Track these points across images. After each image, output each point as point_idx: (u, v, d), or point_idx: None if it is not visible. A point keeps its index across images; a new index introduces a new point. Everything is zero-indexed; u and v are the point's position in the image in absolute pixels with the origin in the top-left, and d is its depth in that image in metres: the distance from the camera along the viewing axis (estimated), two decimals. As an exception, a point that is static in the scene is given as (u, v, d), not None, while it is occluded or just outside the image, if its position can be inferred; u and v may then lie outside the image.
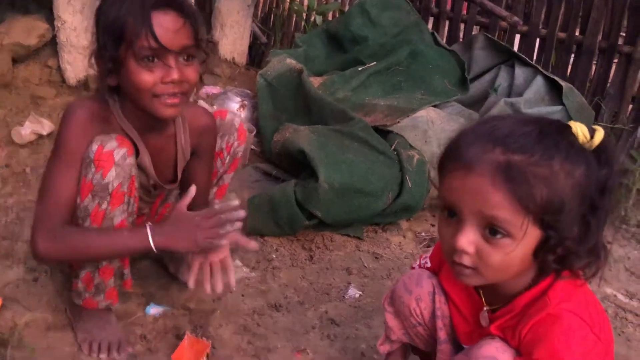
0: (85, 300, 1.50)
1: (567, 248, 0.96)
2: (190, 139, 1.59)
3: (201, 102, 2.94)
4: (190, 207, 1.41)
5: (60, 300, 1.65)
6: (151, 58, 1.29)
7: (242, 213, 1.39)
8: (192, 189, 1.43)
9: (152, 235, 1.33)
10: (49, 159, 1.39)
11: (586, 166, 0.93)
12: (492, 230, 0.93)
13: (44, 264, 1.33)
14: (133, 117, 1.43)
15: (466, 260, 0.96)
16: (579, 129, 0.95)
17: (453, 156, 0.98)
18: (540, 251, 0.96)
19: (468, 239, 0.94)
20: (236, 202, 1.40)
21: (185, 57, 1.34)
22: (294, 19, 4.25)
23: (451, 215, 0.98)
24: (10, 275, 1.72)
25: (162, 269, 1.86)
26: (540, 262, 0.98)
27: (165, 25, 1.28)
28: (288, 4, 4.19)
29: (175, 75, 1.31)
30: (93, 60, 1.38)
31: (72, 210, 1.36)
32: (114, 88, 1.39)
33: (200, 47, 1.37)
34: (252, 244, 1.46)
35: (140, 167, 1.48)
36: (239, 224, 1.38)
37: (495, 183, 0.91)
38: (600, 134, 0.95)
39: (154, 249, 1.33)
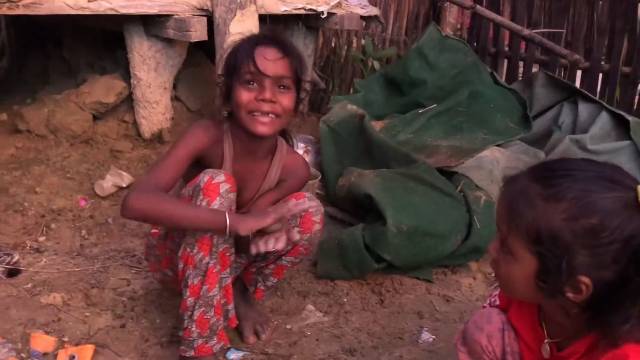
0: (198, 347, 1.56)
1: None
2: (280, 176, 1.75)
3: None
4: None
5: (147, 345, 1.74)
6: (251, 82, 1.54)
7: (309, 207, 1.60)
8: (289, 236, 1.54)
9: (229, 217, 1.45)
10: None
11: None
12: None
13: (128, 217, 1.47)
14: (237, 140, 1.65)
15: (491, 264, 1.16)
16: None
17: None
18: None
19: (494, 245, 1.12)
20: (313, 203, 1.67)
21: (280, 86, 1.55)
22: (351, 65, 4.36)
23: None
24: (100, 322, 1.83)
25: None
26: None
27: (265, 56, 1.53)
28: (345, 51, 4.32)
29: (267, 94, 1.52)
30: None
31: (168, 189, 1.53)
32: (228, 116, 1.64)
33: (294, 80, 1.58)
34: (297, 237, 1.57)
35: None
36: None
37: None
38: None
39: (228, 229, 1.44)
